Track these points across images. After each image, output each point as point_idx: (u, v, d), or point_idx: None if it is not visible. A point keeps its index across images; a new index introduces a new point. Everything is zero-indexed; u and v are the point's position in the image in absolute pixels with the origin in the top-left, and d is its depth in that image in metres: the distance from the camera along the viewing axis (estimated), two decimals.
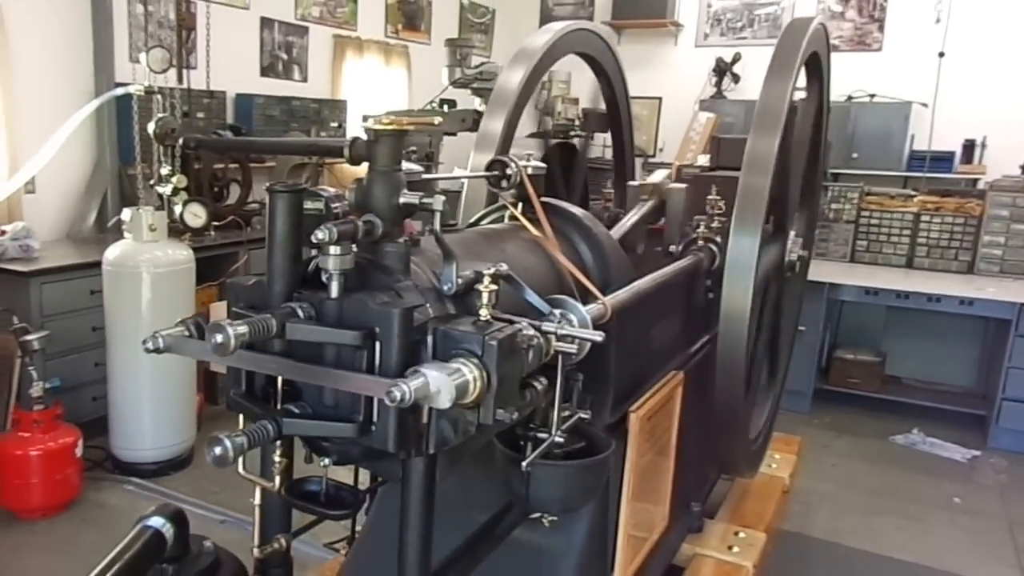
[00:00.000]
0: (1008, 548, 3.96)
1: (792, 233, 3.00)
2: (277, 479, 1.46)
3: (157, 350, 1.32)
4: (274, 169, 6.39)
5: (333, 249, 1.25)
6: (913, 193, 5.99)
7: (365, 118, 1.41)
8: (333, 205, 1.38)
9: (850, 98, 7.98)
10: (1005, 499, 4.49)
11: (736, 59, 8.68)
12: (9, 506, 3.85)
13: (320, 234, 1.22)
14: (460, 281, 1.39)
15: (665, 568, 2.66)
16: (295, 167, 6.21)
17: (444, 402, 1.20)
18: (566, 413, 1.65)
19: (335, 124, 7.07)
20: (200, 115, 5.76)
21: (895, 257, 5.92)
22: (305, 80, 7.32)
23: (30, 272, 4.20)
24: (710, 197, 2.82)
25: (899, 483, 4.64)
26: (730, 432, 2.62)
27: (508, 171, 1.87)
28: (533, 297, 1.55)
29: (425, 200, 1.34)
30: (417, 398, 1.16)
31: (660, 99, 9.18)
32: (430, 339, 1.29)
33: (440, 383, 1.20)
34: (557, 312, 1.58)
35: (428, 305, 1.37)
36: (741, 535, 2.95)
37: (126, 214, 4.06)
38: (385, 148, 1.34)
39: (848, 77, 7.99)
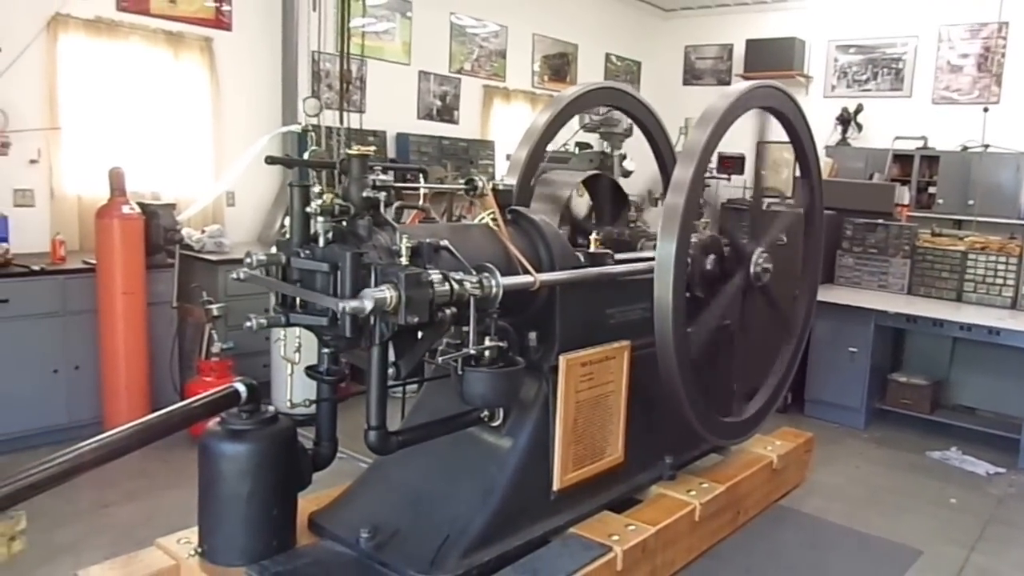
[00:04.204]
0: (972, 535, 4.33)
1: (759, 249, 3.70)
2: (296, 356, 2.52)
3: (240, 278, 2.41)
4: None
5: (320, 218, 2.29)
6: (968, 233, 6.35)
7: (508, 157, 2.31)
8: None
9: (965, 148, 8.30)
10: (1001, 505, 4.79)
11: (859, 110, 9.19)
12: (191, 431, 5.17)
13: (308, 208, 2.27)
14: (403, 244, 2.38)
15: (623, 495, 3.46)
16: (436, 195, 7.40)
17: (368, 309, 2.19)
18: (490, 342, 2.58)
19: (472, 162, 8.19)
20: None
21: (946, 292, 6.28)
22: (457, 123, 8.56)
23: (218, 261, 5.59)
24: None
25: (907, 484, 5.04)
26: (676, 398, 3.34)
27: (478, 185, 2.85)
28: (462, 262, 2.52)
29: (377, 195, 2.36)
30: (354, 311, 2.17)
31: None
32: (374, 272, 2.30)
33: (368, 301, 2.19)
34: (483, 274, 2.54)
35: (379, 255, 2.37)
36: (704, 485, 3.61)
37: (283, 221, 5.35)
38: (355, 165, 2.37)
39: (966, 128, 8.30)
